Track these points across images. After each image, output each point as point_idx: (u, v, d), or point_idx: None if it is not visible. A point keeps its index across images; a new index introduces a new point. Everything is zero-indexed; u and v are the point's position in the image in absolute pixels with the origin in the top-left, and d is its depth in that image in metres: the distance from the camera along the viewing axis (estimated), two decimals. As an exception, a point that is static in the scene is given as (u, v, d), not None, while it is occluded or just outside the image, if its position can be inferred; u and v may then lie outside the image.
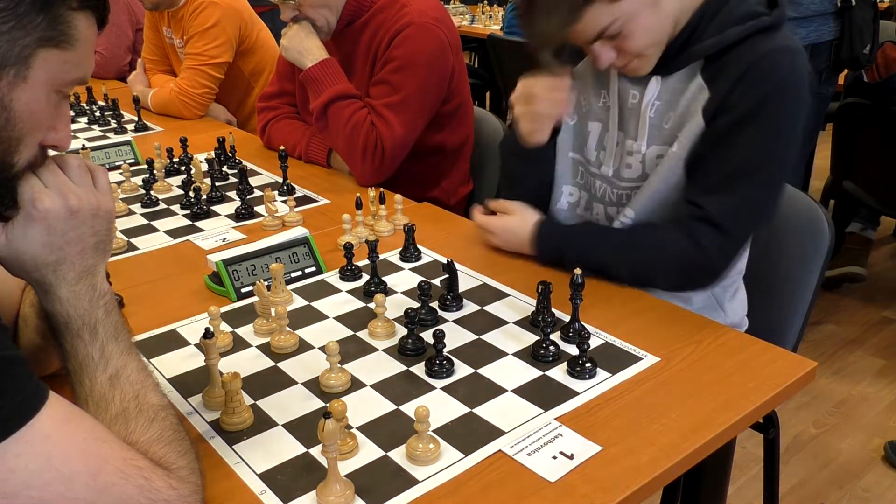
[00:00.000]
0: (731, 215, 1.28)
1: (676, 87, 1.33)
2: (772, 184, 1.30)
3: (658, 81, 1.34)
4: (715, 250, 1.29)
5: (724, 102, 1.26)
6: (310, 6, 1.89)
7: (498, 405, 1.04)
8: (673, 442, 0.97)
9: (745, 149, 1.25)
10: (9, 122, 0.75)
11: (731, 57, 1.26)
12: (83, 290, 0.84)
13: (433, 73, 1.87)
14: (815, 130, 2.93)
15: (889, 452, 2.34)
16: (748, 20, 1.25)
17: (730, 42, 1.26)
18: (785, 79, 1.23)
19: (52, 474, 0.70)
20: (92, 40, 0.81)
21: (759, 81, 1.23)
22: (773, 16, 1.26)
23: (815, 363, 1.13)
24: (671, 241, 1.31)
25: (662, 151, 1.35)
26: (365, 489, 0.89)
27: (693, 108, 1.30)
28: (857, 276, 3.22)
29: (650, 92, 1.34)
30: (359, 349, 1.18)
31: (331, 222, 1.68)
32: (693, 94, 1.30)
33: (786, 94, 1.23)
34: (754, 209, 1.30)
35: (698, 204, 1.30)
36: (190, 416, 1.04)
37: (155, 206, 1.78)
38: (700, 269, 1.30)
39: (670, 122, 1.33)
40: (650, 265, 1.32)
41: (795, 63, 1.25)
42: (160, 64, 2.89)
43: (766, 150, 1.25)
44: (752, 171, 1.27)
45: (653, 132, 1.36)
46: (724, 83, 1.26)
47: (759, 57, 1.23)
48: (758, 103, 1.23)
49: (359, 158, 1.87)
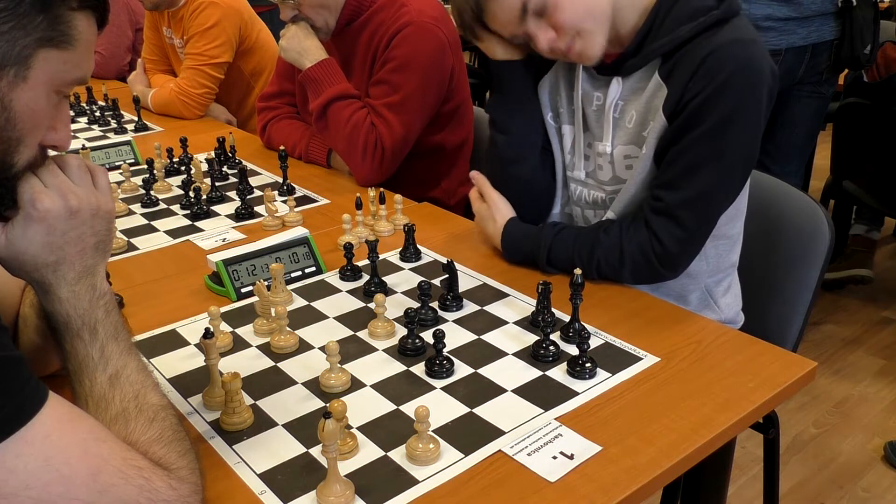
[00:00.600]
0: (687, 206, 1.29)
1: (636, 86, 1.35)
2: (730, 174, 1.31)
3: (619, 82, 1.36)
4: (672, 241, 1.30)
5: (681, 98, 1.27)
6: (309, 6, 1.89)
7: (498, 405, 1.04)
8: (673, 442, 0.97)
9: (702, 141, 1.27)
10: (9, 122, 0.75)
11: (684, 54, 1.28)
12: (83, 290, 0.84)
13: (433, 72, 1.87)
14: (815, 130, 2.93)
15: (889, 452, 2.34)
16: (698, 16, 1.27)
17: (682, 39, 1.28)
18: (737, 70, 1.24)
19: (51, 475, 0.70)
20: (92, 40, 0.81)
21: (710, 75, 1.24)
22: (721, 9, 1.27)
23: (815, 363, 1.13)
24: (632, 235, 1.33)
25: (630, 152, 1.37)
26: (365, 489, 0.89)
27: (654, 106, 1.32)
28: (865, 278, 3.23)
29: (612, 92, 1.37)
30: (359, 349, 1.18)
31: (331, 222, 1.68)
32: (652, 92, 1.32)
33: (738, 85, 1.24)
34: (711, 200, 1.31)
35: (657, 196, 1.32)
36: (190, 416, 1.04)
37: (155, 206, 1.78)
38: (659, 260, 1.31)
39: (633, 121, 1.36)
40: (615, 260, 1.33)
41: (747, 54, 1.25)
42: (160, 64, 2.89)
43: (722, 141, 1.27)
44: (709, 163, 1.28)
45: (617, 132, 1.38)
46: (679, 80, 1.28)
47: (710, 52, 1.25)
48: (710, 96, 1.24)
49: (359, 158, 1.87)
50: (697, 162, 1.28)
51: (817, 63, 2.68)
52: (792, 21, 2.58)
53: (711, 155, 1.27)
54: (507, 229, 1.44)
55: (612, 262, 1.33)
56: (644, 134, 1.34)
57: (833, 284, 3.28)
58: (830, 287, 3.28)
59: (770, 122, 2.96)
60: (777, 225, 1.51)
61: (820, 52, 2.66)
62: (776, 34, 2.57)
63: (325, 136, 1.97)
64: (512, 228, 1.44)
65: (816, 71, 2.71)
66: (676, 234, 1.30)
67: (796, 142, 2.88)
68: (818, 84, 2.76)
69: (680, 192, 1.29)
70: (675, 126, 1.29)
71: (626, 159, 1.38)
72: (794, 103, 2.79)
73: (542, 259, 1.38)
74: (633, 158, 1.37)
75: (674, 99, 1.28)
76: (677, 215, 1.30)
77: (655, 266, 1.32)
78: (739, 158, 1.30)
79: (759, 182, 1.59)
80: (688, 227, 1.30)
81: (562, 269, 1.37)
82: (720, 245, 1.42)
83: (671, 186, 1.30)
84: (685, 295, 1.44)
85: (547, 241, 1.38)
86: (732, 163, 1.29)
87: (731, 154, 1.28)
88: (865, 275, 3.22)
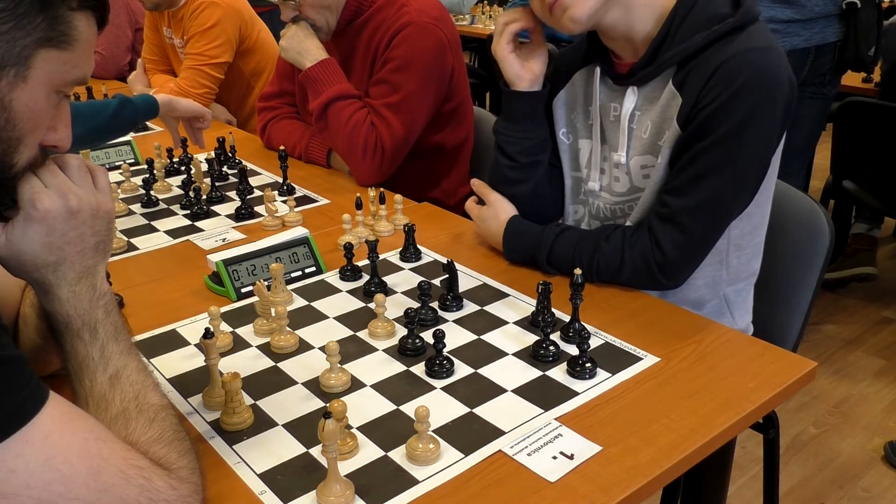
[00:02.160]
0: (692, 213, 1.28)
1: (651, 95, 1.34)
2: (740, 183, 1.29)
3: (635, 92, 1.35)
4: (672, 248, 1.29)
5: (694, 107, 1.26)
6: (310, 6, 1.89)
7: (498, 405, 1.04)
8: (673, 442, 0.97)
9: (713, 148, 1.25)
10: (9, 122, 0.75)
11: (698, 62, 1.26)
12: (83, 290, 0.84)
13: (433, 72, 1.87)
14: (817, 131, 2.93)
15: (889, 452, 2.34)
16: (713, 24, 1.25)
17: (696, 48, 1.26)
18: (752, 78, 1.22)
19: (52, 474, 0.70)
20: (92, 40, 0.81)
21: (724, 84, 1.23)
22: (736, 17, 1.25)
23: (815, 363, 1.13)
24: (635, 241, 1.32)
25: (647, 162, 1.36)
26: (365, 489, 0.89)
27: (668, 115, 1.30)
28: (870, 275, 3.21)
29: (628, 102, 1.36)
30: (359, 349, 1.18)
31: (331, 222, 1.68)
32: (666, 101, 1.31)
33: (752, 93, 1.22)
34: (717, 208, 1.29)
35: (664, 202, 1.31)
36: (190, 416, 1.04)
37: (155, 206, 1.78)
38: (659, 268, 1.30)
39: (648, 130, 1.34)
40: (617, 265, 1.32)
41: (762, 62, 1.23)
42: (160, 64, 2.89)
43: (733, 149, 1.25)
44: (718, 170, 1.26)
45: (633, 142, 1.37)
46: (693, 89, 1.26)
47: (724, 60, 1.23)
48: (723, 104, 1.23)
49: (359, 158, 1.87)
50: (706, 169, 1.26)
51: (821, 65, 2.68)
52: (795, 23, 2.58)
53: (721, 163, 1.26)
54: (509, 226, 1.44)
55: (612, 267, 1.32)
56: (660, 143, 1.33)
57: (836, 284, 3.27)
58: (833, 287, 3.27)
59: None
60: (777, 225, 1.51)
61: (823, 53, 2.66)
62: (779, 36, 2.57)
63: (325, 136, 1.97)
64: (514, 225, 1.44)
65: (820, 72, 2.71)
66: (678, 241, 1.29)
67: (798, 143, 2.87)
68: (821, 85, 2.76)
69: (686, 198, 1.28)
70: (688, 134, 1.27)
71: (643, 169, 1.37)
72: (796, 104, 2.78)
73: (542, 258, 1.38)
74: (650, 168, 1.36)
75: (687, 107, 1.27)
76: (681, 221, 1.28)
77: (654, 273, 1.30)
78: (750, 167, 1.28)
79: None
80: (691, 234, 1.28)
81: (562, 269, 1.37)
82: (743, 255, 1.40)
83: (678, 192, 1.29)
84: (702, 304, 1.41)
85: (548, 241, 1.37)
86: (742, 171, 1.27)
87: (742, 163, 1.26)
88: (871, 272, 3.21)
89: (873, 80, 3.24)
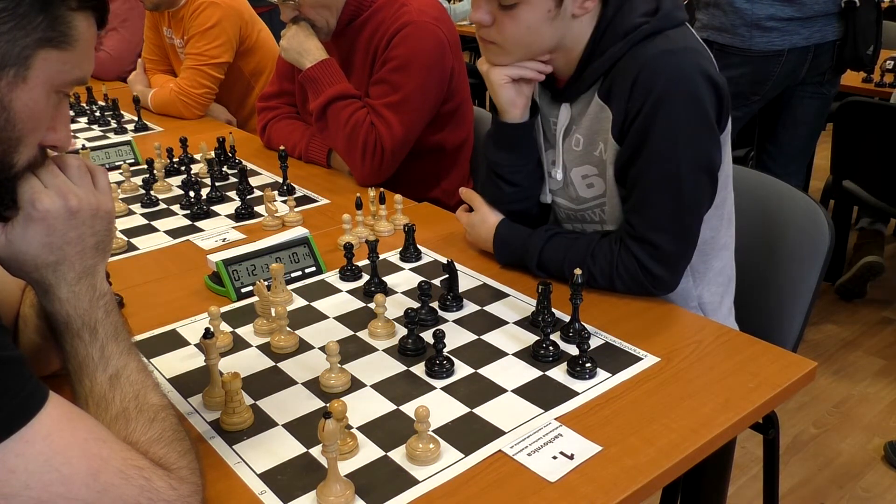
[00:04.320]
0: (656, 230, 1.28)
1: (582, 110, 1.35)
2: (692, 189, 1.28)
3: (567, 108, 1.37)
4: (653, 264, 1.29)
5: (625, 119, 1.27)
6: (309, 6, 1.89)
7: (498, 405, 1.04)
8: (673, 442, 0.97)
9: (653, 163, 1.26)
10: (8, 122, 0.75)
11: (618, 73, 1.27)
12: (83, 290, 0.84)
13: (433, 72, 1.87)
14: (817, 131, 2.93)
15: (889, 452, 2.34)
16: (629, 33, 1.26)
17: (615, 58, 1.27)
18: (667, 82, 1.22)
19: (52, 475, 0.70)
20: (91, 41, 0.81)
21: (643, 91, 1.23)
22: (652, 23, 1.25)
23: (815, 363, 1.13)
24: (619, 261, 1.31)
25: (587, 172, 1.38)
26: (365, 489, 0.89)
27: (601, 128, 1.31)
28: (876, 264, 3.13)
29: (562, 117, 1.38)
30: (359, 349, 1.18)
31: (331, 222, 1.68)
32: (595, 114, 1.32)
33: (671, 99, 1.22)
34: (678, 219, 1.28)
35: (629, 221, 1.32)
36: (190, 416, 1.04)
37: (155, 206, 1.78)
38: (650, 283, 1.30)
39: (580, 143, 1.36)
40: (607, 275, 1.31)
41: (675, 62, 1.23)
42: (160, 64, 2.89)
43: (672, 163, 1.25)
44: (665, 187, 1.26)
45: (568, 155, 1.39)
46: (620, 101, 1.27)
47: (640, 67, 1.23)
48: (648, 114, 1.23)
49: (358, 158, 1.87)
50: (654, 187, 1.27)
51: (820, 63, 2.68)
52: (795, 21, 2.58)
53: (665, 179, 1.26)
54: (498, 230, 1.44)
55: (603, 284, 1.32)
56: (596, 154, 1.34)
57: (854, 293, 3.20)
58: (850, 297, 3.21)
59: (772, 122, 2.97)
60: (777, 225, 1.51)
61: (822, 52, 2.66)
62: (779, 34, 2.57)
63: (325, 136, 1.97)
64: (503, 230, 1.44)
65: (819, 71, 2.71)
66: (656, 256, 1.28)
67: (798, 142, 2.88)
68: (820, 84, 2.76)
69: (645, 217, 1.28)
70: (626, 148, 1.28)
71: (585, 179, 1.39)
72: (796, 104, 2.79)
73: (531, 263, 1.37)
74: (593, 177, 1.37)
75: (619, 120, 1.27)
76: (651, 239, 1.28)
77: (647, 287, 1.30)
78: (696, 175, 1.27)
79: (760, 182, 1.59)
80: (664, 249, 1.28)
81: (551, 275, 1.36)
82: (709, 259, 1.40)
83: (637, 212, 1.30)
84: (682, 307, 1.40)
85: (537, 246, 1.37)
86: (691, 181, 1.27)
87: (685, 173, 1.26)
88: (876, 261, 3.13)
89: (873, 79, 3.25)
